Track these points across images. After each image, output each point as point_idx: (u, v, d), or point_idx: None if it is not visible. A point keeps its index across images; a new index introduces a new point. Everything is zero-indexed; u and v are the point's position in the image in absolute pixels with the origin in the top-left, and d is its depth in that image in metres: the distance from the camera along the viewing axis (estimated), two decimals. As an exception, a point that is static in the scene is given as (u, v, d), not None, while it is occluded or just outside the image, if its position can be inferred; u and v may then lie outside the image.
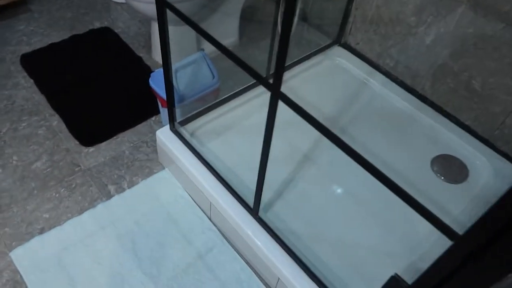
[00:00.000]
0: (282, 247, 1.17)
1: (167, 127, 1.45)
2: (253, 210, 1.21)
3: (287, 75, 1.72)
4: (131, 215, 1.40)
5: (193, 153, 1.38)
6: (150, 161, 1.57)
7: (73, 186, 1.47)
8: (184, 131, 1.44)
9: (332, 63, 1.82)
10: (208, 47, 1.37)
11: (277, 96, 0.84)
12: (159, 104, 1.56)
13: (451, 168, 1.51)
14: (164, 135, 1.44)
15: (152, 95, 1.62)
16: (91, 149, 1.58)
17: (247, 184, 1.30)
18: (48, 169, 1.50)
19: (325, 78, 1.77)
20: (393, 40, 1.67)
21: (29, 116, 1.66)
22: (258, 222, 1.22)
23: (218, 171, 1.32)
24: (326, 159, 1.45)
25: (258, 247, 1.19)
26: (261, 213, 1.21)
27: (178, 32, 1.78)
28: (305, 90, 1.67)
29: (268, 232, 1.20)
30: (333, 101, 1.68)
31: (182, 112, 1.46)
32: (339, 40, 1.86)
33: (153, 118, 1.71)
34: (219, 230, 1.38)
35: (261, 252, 1.19)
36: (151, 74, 1.50)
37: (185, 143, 1.40)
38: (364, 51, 1.82)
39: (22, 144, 1.57)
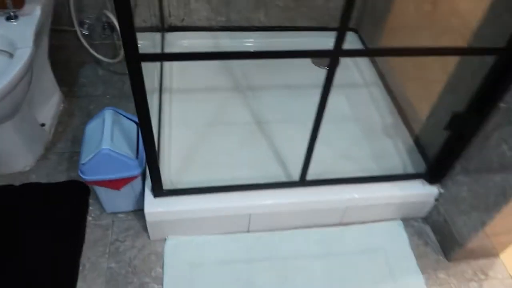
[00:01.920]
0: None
1: (149, 198, 1.24)
2: (300, 181, 1.28)
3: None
4: None
5: (199, 193, 1.26)
6: (139, 249, 1.32)
7: None
8: (170, 182, 1.26)
9: (183, 49, 1.81)
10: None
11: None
12: (99, 193, 1.28)
13: (323, 59, 1.88)
14: (155, 206, 1.23)
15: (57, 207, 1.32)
16: (76, 299, 1.19)
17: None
18: None
19: (190, 66, 1.77)
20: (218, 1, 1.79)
21: None
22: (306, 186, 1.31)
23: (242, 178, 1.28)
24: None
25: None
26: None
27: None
28: (188, 87, 1.66)
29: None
30: (216, 79, 1.73)
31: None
32: (163, 26, 1.83)
33: (90, 219, 1.37)
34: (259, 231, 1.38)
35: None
36: (80, 168, 1.19)
37: (186, 192, 1.25)
38: (193, 22, 1.86)
39: None
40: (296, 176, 1.28)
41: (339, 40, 0.88)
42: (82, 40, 1.76)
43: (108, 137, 1.18)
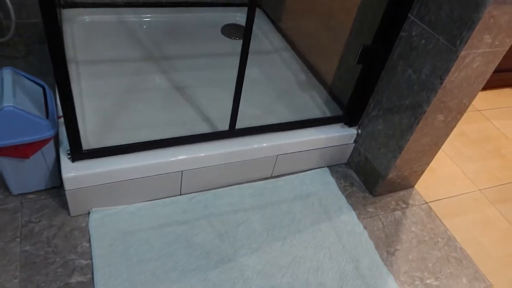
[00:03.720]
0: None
1: (67, 163, 1.10)
2: (230, 131, 1.25)
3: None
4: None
5: (125, 152, 1.16)
6: (59, 227, 1.17)
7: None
8: (90, 143, 1.14)
9: (85, 24, 1.68)
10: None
11: None
12: (3, 167, 1.10)
13: (233, 31, 1.91)
14: (75, 170, 1.10)
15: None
16: None
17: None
18: None
19: (94, 38, 1.65)
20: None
21: None
22: (236, 136, 1.29)
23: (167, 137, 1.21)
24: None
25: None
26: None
27: None
28: (95, 59, 1.55)
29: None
30: (126, 52, 1.64)
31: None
32: (59, 2, 1.69)
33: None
34: (202, 190, 1.32)
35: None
36: (-23, 135, 1.01)
37: (109, 152, 1.14)
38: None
39: None
40: (225, 127, 1.26)
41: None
42: (-40, 18, 1.53)
43: (10, 94, 1.03)
